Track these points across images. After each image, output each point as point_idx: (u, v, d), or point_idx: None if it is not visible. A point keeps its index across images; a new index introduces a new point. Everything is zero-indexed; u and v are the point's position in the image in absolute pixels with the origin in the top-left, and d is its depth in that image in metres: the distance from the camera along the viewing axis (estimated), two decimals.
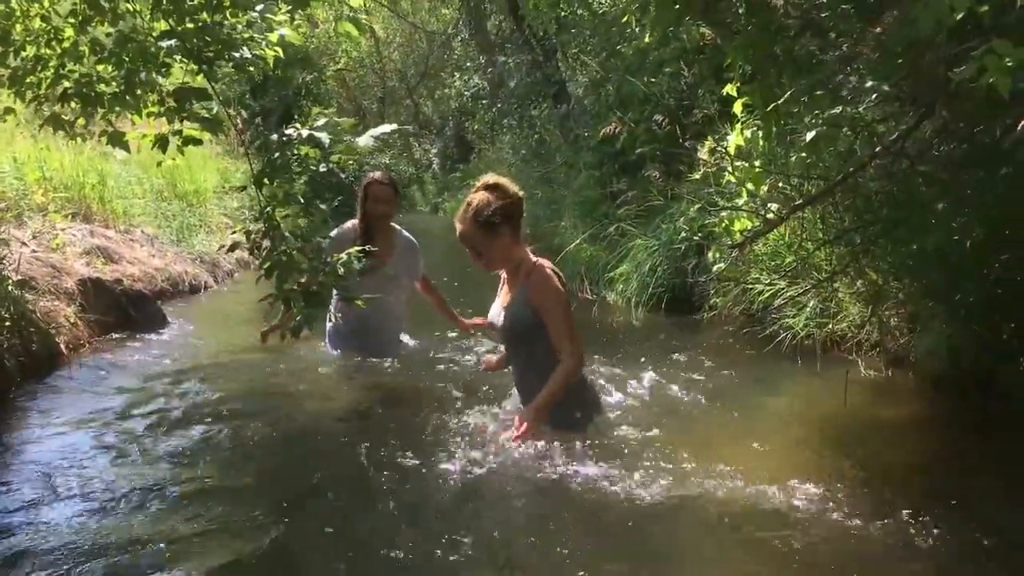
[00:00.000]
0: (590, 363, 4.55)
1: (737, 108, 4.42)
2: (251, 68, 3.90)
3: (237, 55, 3.79)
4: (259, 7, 3.83)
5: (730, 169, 4.55)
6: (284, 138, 3.90)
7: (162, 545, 2.70)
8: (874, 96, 3.62)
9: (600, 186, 9.49)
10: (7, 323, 4.52)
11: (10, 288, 4.81)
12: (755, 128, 4.33)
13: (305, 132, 3.86)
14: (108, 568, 2.56)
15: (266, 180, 3.84)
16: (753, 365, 5.09)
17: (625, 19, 5.69)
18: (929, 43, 2.28)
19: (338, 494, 3.19)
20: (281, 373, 4.87)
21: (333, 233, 4.83)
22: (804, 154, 4.48)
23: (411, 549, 2.69)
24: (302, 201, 3.91)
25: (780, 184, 4.65)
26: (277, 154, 3.85)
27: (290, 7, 3.87)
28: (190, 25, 3.79)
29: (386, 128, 3.96)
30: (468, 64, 24.30)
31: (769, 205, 4.19)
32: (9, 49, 4.23)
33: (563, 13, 11.86)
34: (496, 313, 3.73)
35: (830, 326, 5.15)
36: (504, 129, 18.90)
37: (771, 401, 4.38)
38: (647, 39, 5.82)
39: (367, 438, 3.73)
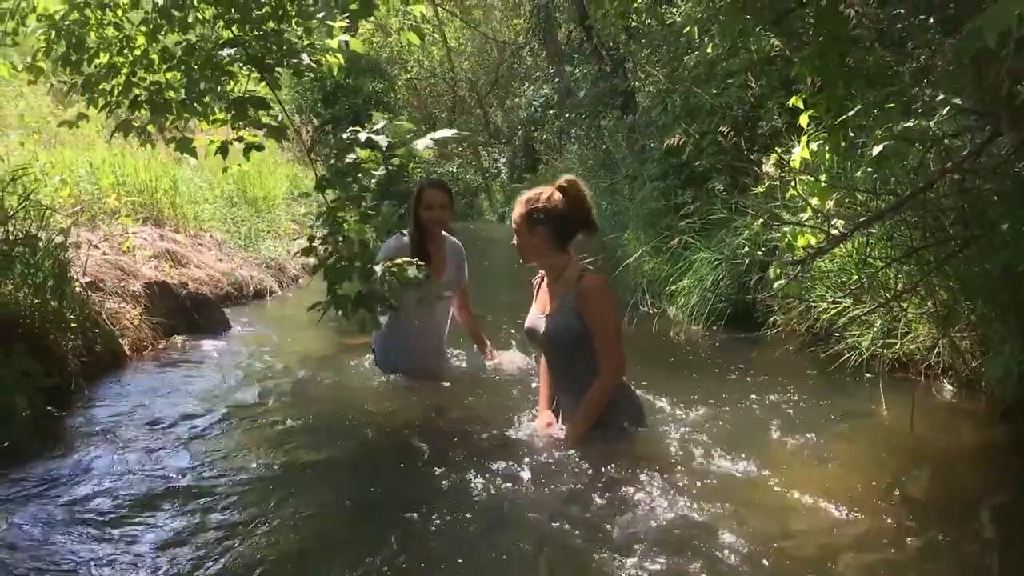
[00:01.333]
0: (649, 380, 4.48)
1: (803, 120, 4.31)
2: (310, 74, 3.93)
3: (296, 61, 3.83)
4: (320, 14, 3.87)
5: (794, 183, 4.43)
6: (346, 141, 3.91)
7: (207, 550, 2.74)
8: (946, 110, 3.48)
9: (664, 198, 9.36)
10: (72, 324, 4.63)
11: (78, 290, 4.93)
12: (821, 141, 4.20)
13: (363, 135, 3.85)
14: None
15: (325, 184, 3.85)
16: (816, 385, 4.93)
17: (687, 29, 5.59)
18: (994, 55, 2.16)
19: (379, 508, 3.20)
20: (333, 385, 4.89)
21: (385, 246, 4.63)
22: (871, 169, 4.35)
23: (453, 564, 2.66)
24: (363, 206, 3.89)
25: (847, 200, 4.51)
26: (334, 159, 3.87)
27: (348, 16, 3.90)
28: (252, 32, 3.85)
29: (446, 132, 3.90)
30: (537, 74, 24.35)
31: (834, 221, 4.06)
32: (83, 56, 4.37)
33: (632, 23, 11.76)
34: (536, 320, 3.68)
35: (898, 347, 4.97)
36: (571, 139, 18.85)
37: (834, 423, 4.23)
38: (709, 49, 5.72)
39: (412, 454, 3.73)
